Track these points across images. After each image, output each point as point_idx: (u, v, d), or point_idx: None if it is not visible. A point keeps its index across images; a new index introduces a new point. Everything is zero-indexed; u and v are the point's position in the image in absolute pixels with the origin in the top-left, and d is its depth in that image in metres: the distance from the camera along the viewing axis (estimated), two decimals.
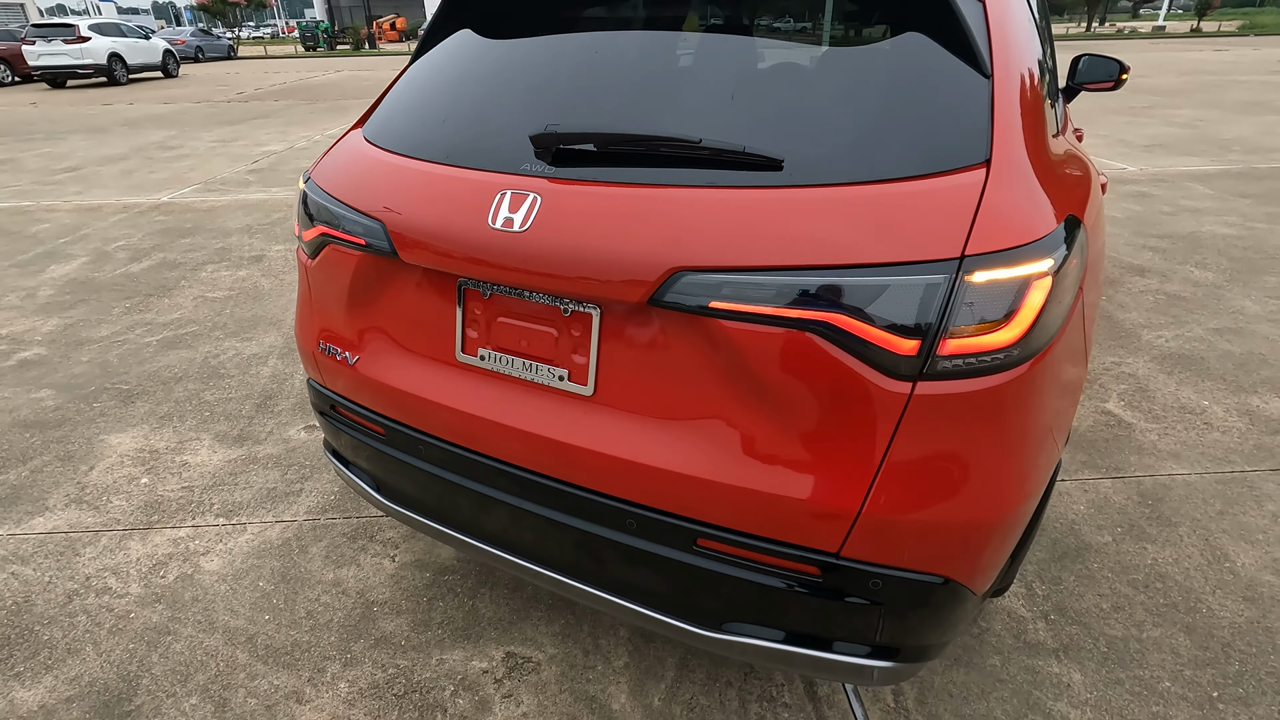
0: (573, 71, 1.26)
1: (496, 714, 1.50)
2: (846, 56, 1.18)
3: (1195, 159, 6.72)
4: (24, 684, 1.59)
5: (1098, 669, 1.57)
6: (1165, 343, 3.08)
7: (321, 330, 1.49)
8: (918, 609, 1.10)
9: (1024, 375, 0.97)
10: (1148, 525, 2.00)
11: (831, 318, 0.95)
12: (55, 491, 2.26)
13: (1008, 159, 1.01)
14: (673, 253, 1.00)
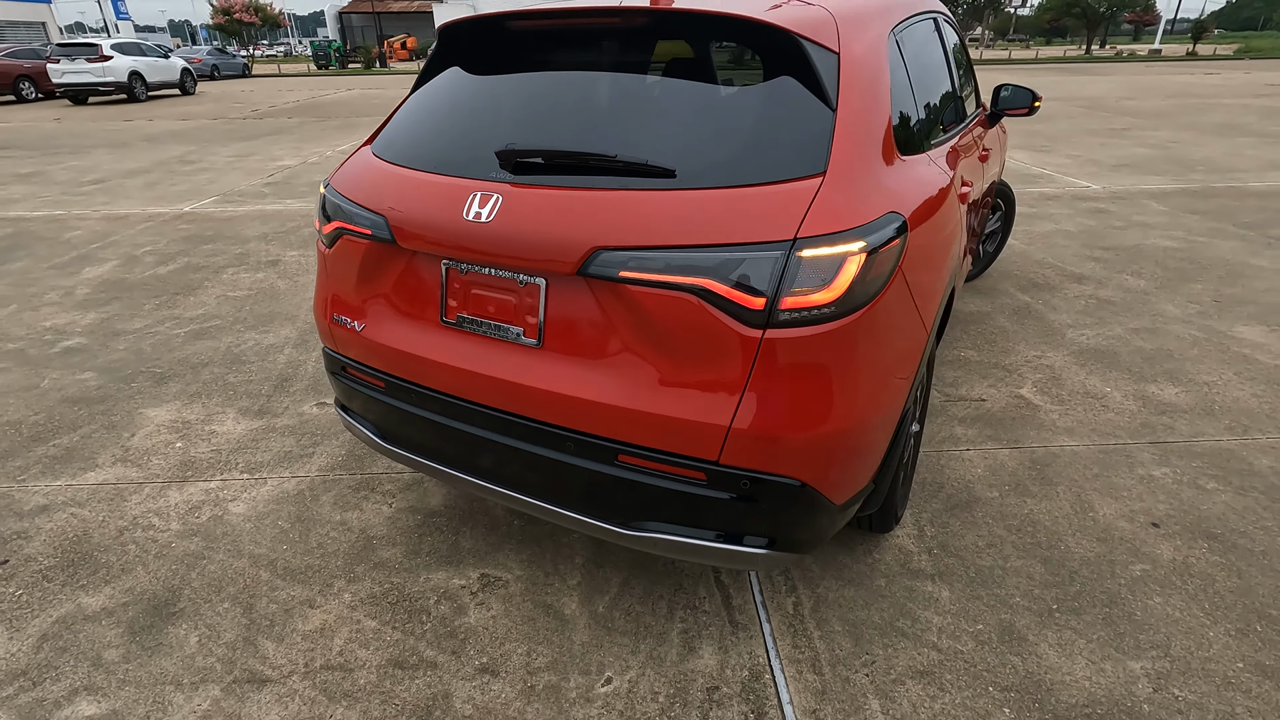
0: (529, 102, 1.65)
1: (470, 616, 1.86)
2: (727, 94, 1.56)
3: (1158, 178, 7.10)
4: (88, 593, 1.95)
5: (964, 589, 1.92)
6: (1086, 340, 3.44)
7: (335, 305, 1.86)
8: (783, 507, 1.46)
9: (844, 326, 1.34)
10: (1031, 484, 2.35)
11: (705, 283, 1.32)
12: (103, 453, 2.63)
13: (839, 170, 1.38)
14: (594, 236, 1.38)
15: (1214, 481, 2.34)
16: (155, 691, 1.65)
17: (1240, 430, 2.63)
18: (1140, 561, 2.00)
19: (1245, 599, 1.86)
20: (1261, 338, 3.41)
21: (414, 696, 1.63)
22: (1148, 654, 1.71)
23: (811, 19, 1.56)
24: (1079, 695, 1.60)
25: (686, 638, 1.78)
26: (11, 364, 3.37)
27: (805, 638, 1.77)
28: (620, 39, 1.69)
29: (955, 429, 2.69)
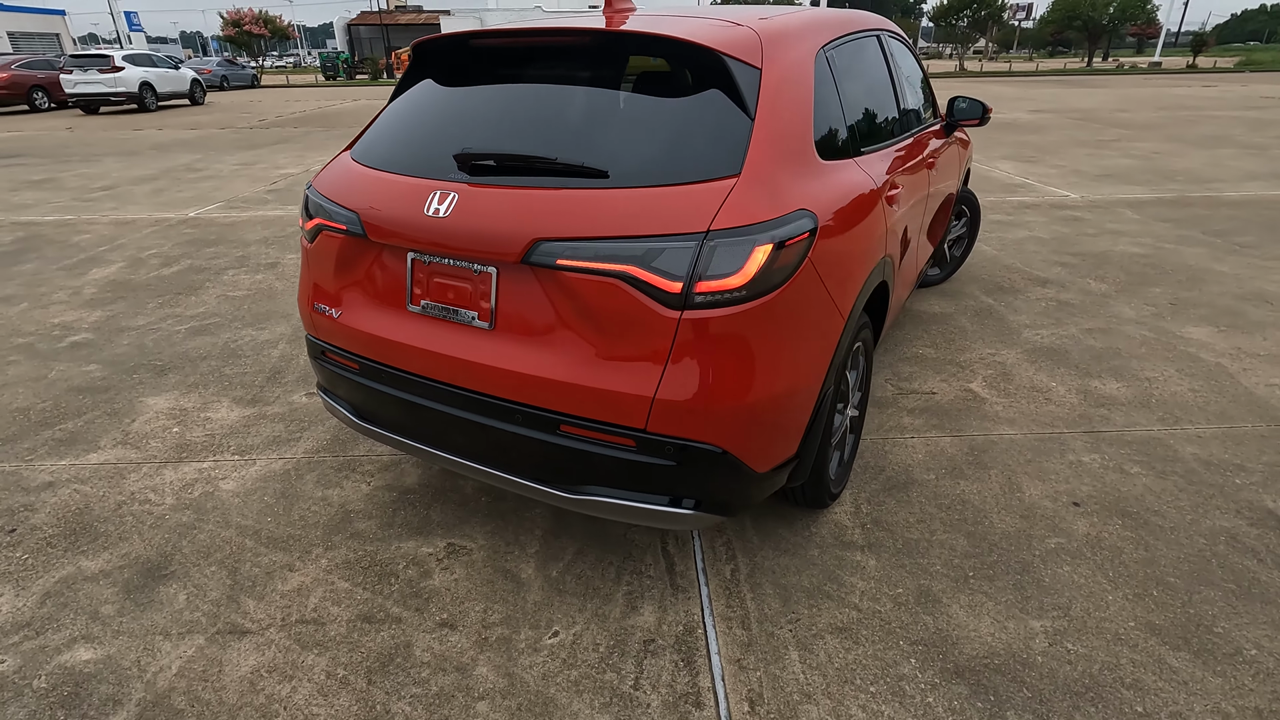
0: (486, 111, 1.84)
1: (435, 579, 2.03)
2: (658, 104, 1.74)
3: (1138, 188, 7.26)
4: (88, 557, 2.13)
5: (890, 558, 2.08)
6: (1040, 339, 3.60)
7: (316, 295, 2.05)
8: (706, 471, 1.63)
9: (754, 308, 1.51)
10: (967, 468, 2.51)
11: (630, 269, 1.50)
12: (104, 436, 2.82)
13: (753, 172, 1.57)
14: (535, 229, 1.56)
15: (1138, 467, 2.50)
16: (145, 641, 1.83)
17: (1172, 421, 2.79)
18: (1056, 536, 2.16)
19: (1148, 568, 2.02)
20: (1208, 338, 3.57)
21: (379, 646, 1.80)
22: (1049, 614, 1.87)
23: (738, 39, 1.75)
24: (980, 648, 1.76)
25: (630, 598, 1.95)
26: (21, 357, 3.57)
27: (738, 599, 1.94)
28: (567, 57, 1.88)
29: (903, 419, 2.85)
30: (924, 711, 1.60)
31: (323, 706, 1.64)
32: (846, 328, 1.86)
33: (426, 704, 1.64)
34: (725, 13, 1.96)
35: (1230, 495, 2.33)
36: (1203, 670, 1.69)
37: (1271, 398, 2.96)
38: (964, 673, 1.70)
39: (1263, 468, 2.48)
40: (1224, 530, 2.17)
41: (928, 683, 1.68)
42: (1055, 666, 1.71)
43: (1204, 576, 1.99)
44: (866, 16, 2.64)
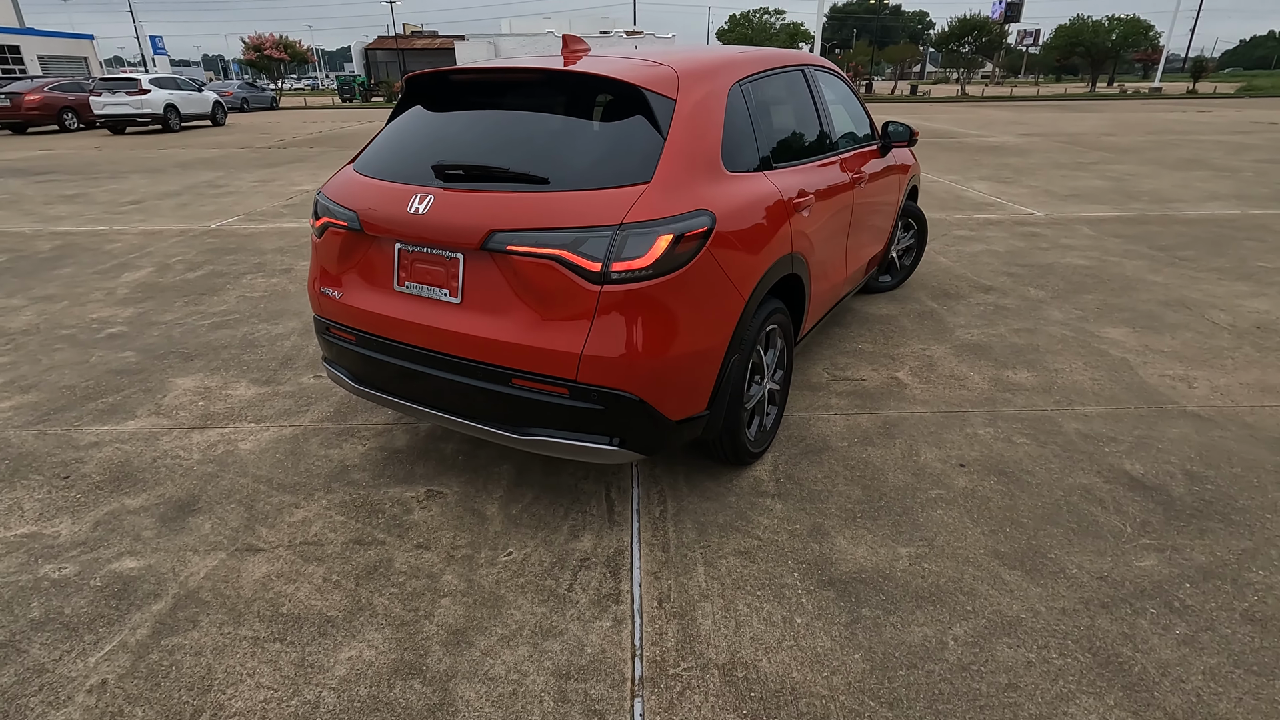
0: (459, 131, 2.31)
1: (415, 515, 2.45)
2: (590, 126, 2.20)
3: (1102, 207, 7.68)
4: (130, 497, 2.57)
5: (795, 504, 2.49)
6: (970, 337, 4.01)
7: (322, 280, 2.50)
8: (626, 415, 2.05)
9: (658, 284, 1.95)
10: (876, 438, 2.92)
11: (561, 253, 1.94)
12: (140, 408, 3.28)
13: (661, 180, 2.01)
14: (491, 222, 2.01)
15: (1024, 438, 2.90)
16: (178, 555, 2.26)
17: (1065, 403, 3.19)
18: (938, 489, 2.56)
19: (1007, 512, 2.41)
20: (1122, 337, 3.97)
21: (365, 560, 2.22)
22: (916, 543, 2.26)
23: (659, 76, 2.20)
24: (852, 567, 2.16)
25: (573, 530, 2.36)
26: (65, 346, 4.05)
27: (663, 531, 2.35)
28: (523, 90, 2.35)
29: (831, 400, 3.27)
30: (797, 607, 2.00)
31: (318, 600, 2.06)
32: (747, 306, 2.28)
33: (402, 599, 2.06)
34: (656, 53, 2.43)
35: (1096, 460, 2.72)
36: (1028, 583, 2.08)
37: (1160, 385, 3.35)
38: (835, 583, 2.10)
39: (1132, 439, 2.87)
40: (1081, 486, 2.56)
41: (804, 589, 2.08)
42: (909, 579, 2.11)
43: (1052, 518, 2.38)
44: (793, 54, 3.10)
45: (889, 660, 1.82)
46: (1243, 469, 2.65)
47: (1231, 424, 2.98)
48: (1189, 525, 2.33)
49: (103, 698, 1.73)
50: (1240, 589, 2.05)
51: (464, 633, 1.93)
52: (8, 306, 4.76)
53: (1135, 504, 2.45)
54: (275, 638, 1.92)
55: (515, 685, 1.76)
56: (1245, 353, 3.73)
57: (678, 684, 1.76)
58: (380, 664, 1.83)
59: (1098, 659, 1.81)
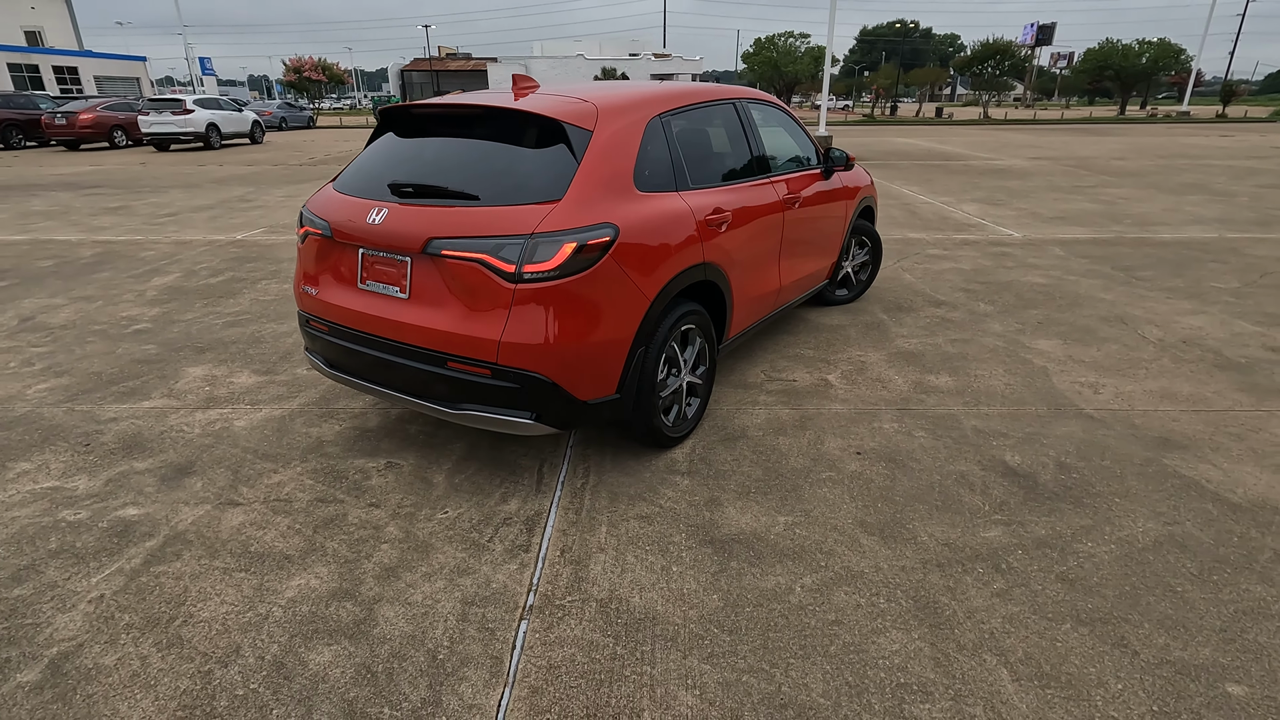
0: (414, 155, 2.75)
1: (373, 481, 2.87)
2: (517, 152, 2.62)
3: (1081, 229, 7.91)
4: (138, 460, 3.03)
5: (700, 480, 2.85)
6: (908, 346, 4.33)
7: (303, 279, 2.95)
8: (539, 394, 2.44)
9: (564, 283, 2.35)
10: (789, 429, 3.27)
11: (484, 257, 2.35)
12: (154, 391, 3.76)
13: (570, 198, 2.42)
14: (430, 230, 2.43)
15: (923, 432, 3.22)
16: (171, 506, 2.70)
17: (973, 404, 3.50)
18: (830, 471, 2.90)
19: (884, 492, 2.74)
20: (1051, 348, 4.25)
21: (325, 514, 2.64)
22: (795, 514, 2.61)
23: (580, 111, 2.62)
24: (734, 530, 2.51)
25: (504, 495, 2.75)
26: (96, 339, 4.58)
27: (580, 498, 2.73)
28: (468, 121, 2.79)
29: (760, 397, 3.62)
30: (676, 559, 2.36)
31: (281, 542, 2.47)
32: (653, 306, 2.66)
33: (349, 544, 2.46)
34: (588, 91, 2.85)
35: (981, 452, 3.04)
36: (881, 545, 2.42)
37: (1068, 391, 3.64)
38: (715, 541, 2.46)
39: (1022, 435, 3.17)
40: (958, 472, 2.88)
41: (687, 546, 2.43)
42: (780, 541, 2.45)
43: (922, 497, 2.70)
44: (723, 89, 3.50)
45: (740, 600, 2.17)
46: (1111, 462, 2.94)
47: (1119, 424, 3.27)
48: (1042, 505, 2.64)
49: (100, 606, 2.16)
50: (1065, 556, 2.35)
51: (395, 570, 2.33)
52: (51, 305, 5.34)
53: (1001, 487, 2.76)
54: (241, 569, 2.34)
55: (428, 608, 2.15)
56: (1162, 364, 3.99)
57: (560, 611, 2.13)
58: (322, 590, 2.23)
59: (917, 604, 2.14)
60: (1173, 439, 3.13)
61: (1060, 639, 2.00)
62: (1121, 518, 2.56)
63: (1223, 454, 3.00)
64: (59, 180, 13.28)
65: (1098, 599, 2.15)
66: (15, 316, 5.06)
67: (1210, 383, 3.73)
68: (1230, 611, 2.10)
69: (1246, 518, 2.55)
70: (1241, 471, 2.86)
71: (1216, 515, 2.57)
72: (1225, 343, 4.32)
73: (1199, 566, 2.29)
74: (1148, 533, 2.47)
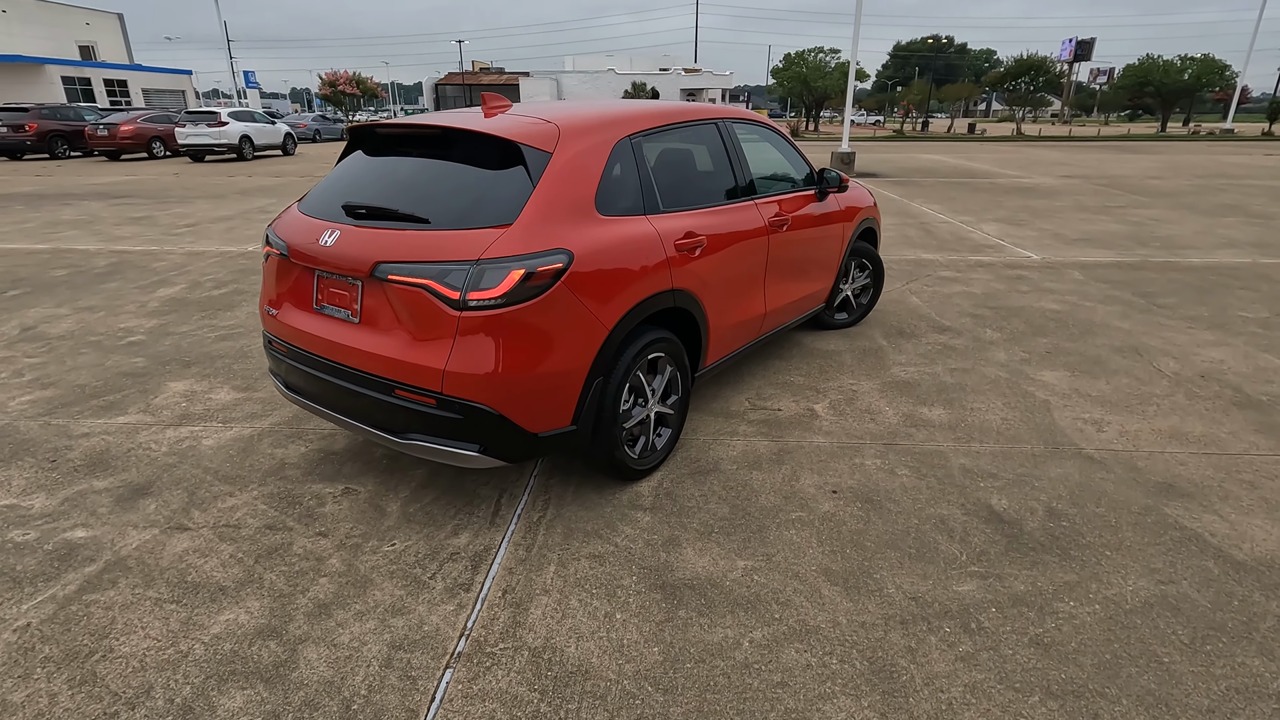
0: (374, 176, 2.69)
1: (327, 508, 2.79)
2: (472, 173, 2.53)
3: (1104, 251, 7.61)
4: (99, 479, 3.00)
5: (663, 517, 2.71)
6: (903, 374, 4.15)
7: (266, 300, 2.90)
8: (485, 426, 2.34)
9: (511, 312, 2.25)
10: (765, 464, 3.12)
11: (429, 282, 2.26)
12: (133, 406, 3.75)
13: (522, 222, 2.32)
14: (378, 254, 2.36)
15: (907, 470, 3.05)
16: (120, 529, 2.65)
17: (965, 440, 3.31)
18: (801, 511, 2.74)
19: (856, 536, 2.58)
20: (1056, 380, 4.04)
21: (270, 542, 2.56)
22: (755, 558, 2.46)
23: (540, 133, 2.54)
24: (688, 574, 2.38)
25: (456, 528, 2.65)
26: (90, 350, 4.62)
27: (534, 533, 2.61)
28: (427, 141, 2.72)
29: (740, 427, 3.48)
30: (622, 605, 2.23)
31: (220, 572, 2.40)
32: (612, 334, 2.55)
33: (288, 576, 2.38)
34: (553, 111, 2.77)
35: (966, 494, 2.85)
36: (843, 597, 2.26)
37: (1069, 428, 3.43)
38: (666, 586, 2.32)
39: (1012, 476, 2.98)
40: (939, 516, 2.70)
41: (636, 591, 2.30)
42: (735, 588, 2.31)
43: (895, 544, 2.54)
44: (705, 109, 3.39)
45: (682, 654, 2.03)
46: (1106, 509, 2.74)
47: (1120, 467, 3.06)
48: (1025, 557, 2.45)
49: (23, 636, 2.10)
50: (1042, 616, 2.17)
51: (328, 607, 2.23)
52: (54, 315, 5.42)
53: (983, 535, 2.58)
54: (173, 600, 2.26)
55: (353, 651, 2.05)
56: (1174, 400, 3.75)
57: (489, 660, 2.02)
58: (250, 626, 2.15)
59: (873, 667, 1.98)
60: (1178, 485, 2.91)
61: (1026, 713, 1.83)
62: (1111, 574, 2.36)
63: (1231, 503, 2.77)
64: (93, 190, 13.67)
65: (1073, 668, 1.97)
66: (18, 326, 5.14)
67: (1226, 422, 3.49)
68: (1221, 689, 1.90)
69: (1250, 578, 2.33)
70: (1250, 524, 2.63)
71: (1217, 574, 2.36)
72: (1247, 378, 4.05)
73: (1191, 634, 2.09)
74: (1138, 592, 2.27)
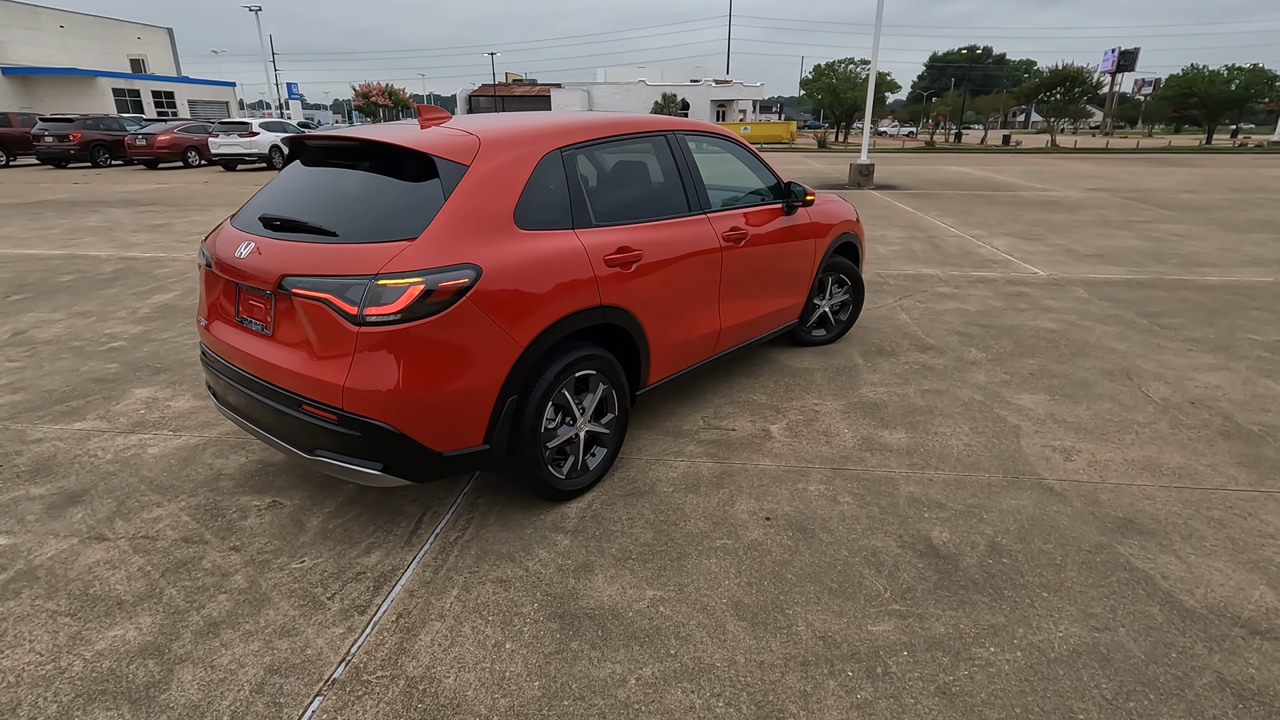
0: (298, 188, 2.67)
1: (249, 521, 2.76)
2: (386, 187, 2.49)
3: (1116, 268, 7.31)
4: (37, 486, 3.02)
5: (583, 541, 2.62)
6: (871, 395, 3.99)
7: (200, 312, 2.90)
8: (386, 444, 2.29)
9: (409, 328, 2.20)
10: (704, 487, 3.01)
11: (329, 296, 2.22)
12: (92, 412, 3.79)
13: (427, 236, 2.27)
14: (284, 267, 2.33)
15: (850, 497, 2.91)
16: (41, 538, 2.65)
17: (919, 466, 3.16)
18: (728, 538, 2.63)
19: (778, 568, 2.46)
20: (1032, 404, 3.85)
21: (182, 555, 2.54)
22: (666, 587, 2.35)
23: (457, 145, 2.49)
24: (592, 603, 2.28)
25: (370, 546, 2.60)
26: (70, 355, 4.71)
27: (447, 553, 2.54)
28: (353, 153, 2.69)
29: (688, 447, 3.37)
30: (514, 635, 2.15)
31: (123, 585, 2.38)
32: (527, 352, 2.47)
33: (188, 592, 2.35)
34: (481, 123, 2.73)
35: (907, 525, 2.71)
36: (747, 634, 2.14)
37: (1034, 456, 3.25)
38: (565, 615, 2.23)
39: (961, 508, 2.82)
40: (871, 548, 2.56)
41: (534, 620, 2.21)
42: (636, 619, 2.20)
43: (817, 576, 2.41)
44: (653, 120, 3.31)
45: (563, 690, 1.94)
46: (1054, 545, 2.57)
47: (1080, 499, 2.88)
48: (953, 596, 2.30)
49: None
50: (957, 663, 2.02)
51: (218, 626, 2.19)
52: (48, 320, 5.55)
53: (913, 570, 2.43)
54: (69, 612, 2.25)
55: (228, 674, 2.00)
56: (1157, 428, 3.54)
57: (362, 689, 1.95)
58: (135, 643, 2.12)
59: (760, 712, 1.86)
60: (1138, 521, 2.72)
61: None
62: (1042, 617, 2.20)
63: (1194, 543, 2.58)
64: (122, 197, 14.12)
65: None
66: (10, 330, 5.28)
67: (1207, 453, 3.27)
68: None
69: (1196, 628, 2.15)
70: (1209, 567, 2.44)
71: (1160, 622, 2.18)
72: (1241, 405, 3.81)
73: (1116, 688, 1.93)
74: (1067, 639, 2.11)
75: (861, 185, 16.15)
